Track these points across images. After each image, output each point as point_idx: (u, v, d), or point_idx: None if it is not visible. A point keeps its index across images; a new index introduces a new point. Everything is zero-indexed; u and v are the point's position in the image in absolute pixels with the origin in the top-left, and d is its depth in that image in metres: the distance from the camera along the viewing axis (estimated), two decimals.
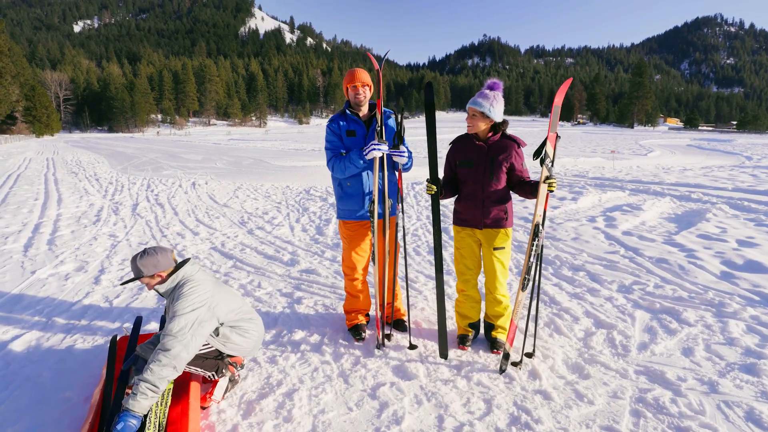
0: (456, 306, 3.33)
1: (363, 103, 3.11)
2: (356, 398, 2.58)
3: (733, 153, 24.46)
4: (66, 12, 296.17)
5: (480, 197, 2.99)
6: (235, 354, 2.56)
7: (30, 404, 2.53)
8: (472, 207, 3.03)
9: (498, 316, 3.18)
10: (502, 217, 3.01)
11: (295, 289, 4.37)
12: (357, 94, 3.05)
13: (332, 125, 3.19)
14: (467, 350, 3.15)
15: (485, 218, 3.01)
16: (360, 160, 3.02)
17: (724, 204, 8.41)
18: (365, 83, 3.06)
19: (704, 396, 2.57)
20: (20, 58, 74.58)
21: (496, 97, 2.90)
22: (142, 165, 18.74)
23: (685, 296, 4.06)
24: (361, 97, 3.06)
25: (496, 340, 3.16)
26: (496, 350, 3.11)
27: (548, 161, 2.73)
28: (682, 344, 3.20)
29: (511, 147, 2.97)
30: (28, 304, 4.02)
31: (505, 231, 3.05)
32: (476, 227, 3.05)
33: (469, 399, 2.57)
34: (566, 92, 2.92)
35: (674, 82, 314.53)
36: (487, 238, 3.05)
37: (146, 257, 2.35)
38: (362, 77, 3.06)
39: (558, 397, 2.57)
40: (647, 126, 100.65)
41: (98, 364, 2.94)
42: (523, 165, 3.04)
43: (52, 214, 8.26)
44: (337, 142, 3.19)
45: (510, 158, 2.96)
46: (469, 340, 3.21)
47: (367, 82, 3.08)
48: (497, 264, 3.06)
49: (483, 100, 2.89)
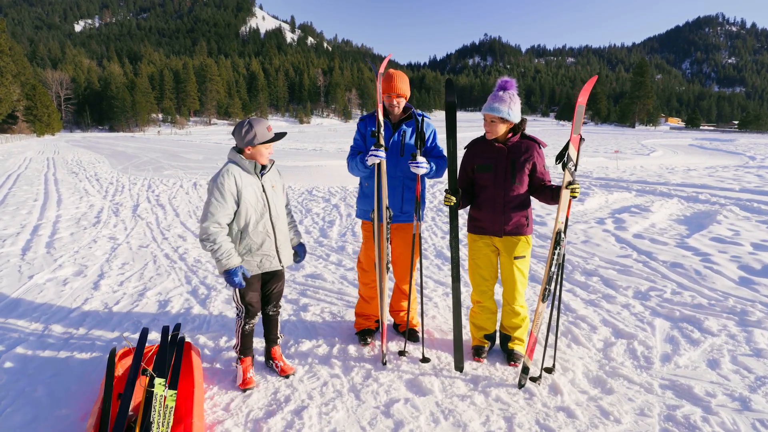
0: (471, 317, 3.18)
1: (396, 110, 3.06)
2: (369, 416, 2.43)
3: (735, 153, 24.27)
4: (67, 11, 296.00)
5: (501, 202, 2.83)
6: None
7: (23, 422, 2.39)
8: (491, 213, 2.87)
9: (515, 327, 3.03)
10: (523, 223, 2.86)
11: (300, 296, 4.23)
12: (391, 104, 3.01)
13: (360, 124, 3.18)
14: (483, 362, 3.01)
15: (505, 225, 2.85)
16: (362, 163, 2.97)
17: (734, 205, 8.26)
18: (401, 95, 2.99)
19: (737, 414, 2.43)
20: (21, 57, 74.49)
21: (512, 97, 2.74)
22: (142, 165, 18.60)
23: (705, 303, 3.91)
24: (394, 108, 3.02)
25: (513, 351, 3.02)
26: (513, 363, 2.97)
27: (571, 165, 2.58)
28: (706, 356, 3.06)
29: (532, 147, 2.82)
30: (24, 312, 3.89)
31: (526, 239, 2.90)
32: (495, 235, 2.89)
33: (489, 417, 2.42)
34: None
35: (675, 81, 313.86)
36: (507, 246, 2.90)
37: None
38: (400, 88, 2.96)
39: (582, 415, 2.43)
40: (648, 126, 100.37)
41: (96, 377, 2.80)
42: (545, 167, 2.90)
43: (51, 215, 8.13)
44: (359, 142, 3.18)
45: (532, 159, 2.82)
46: (485, 351, 3.07)
47: (405, 93, 3.00)
48: (517, 274, 2.91)
49: (500, 105, 2.71)
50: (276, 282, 2.90)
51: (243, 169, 2.66)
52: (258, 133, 2.60)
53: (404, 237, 3.23)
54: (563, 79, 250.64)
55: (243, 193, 2.61)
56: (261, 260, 2.70)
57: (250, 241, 2.66)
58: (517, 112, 2.77)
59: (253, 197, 2.66)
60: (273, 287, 2.89)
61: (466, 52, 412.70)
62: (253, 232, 2.66)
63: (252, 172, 2.69)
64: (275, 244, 2.75)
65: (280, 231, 2.79)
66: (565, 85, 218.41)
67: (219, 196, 2.53)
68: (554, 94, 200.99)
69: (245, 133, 2.59)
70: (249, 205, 2.64)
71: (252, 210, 2.65)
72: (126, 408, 2.19)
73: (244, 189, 2.61)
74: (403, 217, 3.19)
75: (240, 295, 2.72)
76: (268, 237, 2.73)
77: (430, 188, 10.69)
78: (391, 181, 3.11)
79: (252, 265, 2.68)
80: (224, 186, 2.54)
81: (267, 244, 2.72)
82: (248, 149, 2.64)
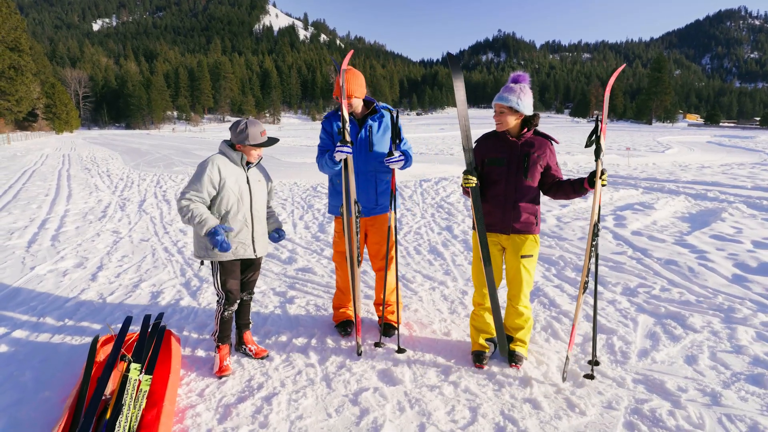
0: (472, 320, 3.06)
1: (354, 109, 3.09)
2: (337, 404, 2.49)
3: (755, 150, 23.68)
4: (85, 11, 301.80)
5: (512, 198, 2.77)
6: None
7: (8, 404, 2.50)
8: (501, 209, 2.80)
9: (518, 328, 2.95)
10: (532, 221, 2.81)
11: (288, 288, 4.30)
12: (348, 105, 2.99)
13: (325, 123, 3.20)
14: (483, 368, 2.87)
15: (515, 222, 2.79)
16: (331, 160, 3.00)
17: (742, 203, 8.09)
18: (349, 95, 2.95)
19: (705, 408, 2.42)
20: (41, 56, 76.25)
21: (522, 89, 2.70)
22: (154, 161, 18.94)
23: (693, 300, 3.87)
24: (351, 107, 3.04)
25: (515, 353, 2.91)
26: (514, 364, 2.87)
27: (602, 155, 2.58)
28: (685, 351, 3.04)
29: (545, 144, 2.79)
30: (22, 301, 4.04)
31: (534, 237, 2.84)
32: (503, 232, 2.83)
33: (454, 407, 2.46)
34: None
35: (695, 77, 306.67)
36: (514, 244, 2.84)
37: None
38: (348, 89, 2.93)
39: (548, 407, 2.45)
40: (666, 122, 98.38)
41: (81, 363, 2.91)
42: (557, 164, 2.88)
43: (60, 210, 8.36)
44: (326, 140, 3.21)
45: (545, 156, 2.77)
46: (486, 357, 2.93)
47: (354, 93, 2.97)
48: (524, 273, 2.84)
49: (509, 94, 2.68)
50: (253, 270, 3.05)
51: (230, 160, 2.82)
52: (251, 134, 2.77)
53: (380, 228, 3.29)
54: (578, 75, 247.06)
55: (226, 182, 2.76)
56: (236, 247, 2.84)
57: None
58: (528, 104, 2.71)
59: (236, 187, 2.80)
60: (249, 275, 3.04)
61: (479, 48, 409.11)
62: (232, 220, 2.81)
63: (238, 164, 2.84)
64: (252, 234, 2.88)
65: (258, 222, 2.93)
66: (580, 82, 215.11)
67: (196, 179, 2.73)
68: (569, 90, 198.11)
69: (239, 132, 2.77)
70: (231, 194, 2.78)
71: (234, 199, 2.80)
72: (101, 391, 2.27)
73: (227, 178, 2.77)
74: (379, 209, 3.24)
75: (221, 282, 2.85)
76: (246, 227, 2.86)
77: (434, 185, 10.68)
78: (363, 177, 3.14)
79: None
80: (204, 172, 2.72)
81: (244, 233, 2.86)
82: (239, 146, 2.82)
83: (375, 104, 3.15)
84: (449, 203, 8.55)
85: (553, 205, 8.05)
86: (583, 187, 2.67)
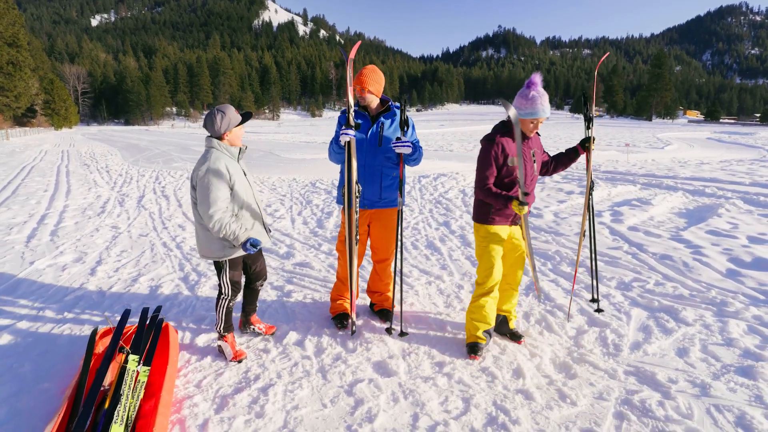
0: (471, 312, 3.05)
1: (368, 103, 3.19)
2: (332, 394, 2.53)
3: (754, 146, 23.65)
4: (84, 6, 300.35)
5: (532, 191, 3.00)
6: None
7: (8, 395, 2.54)
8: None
9: (513, 306, 3.23)
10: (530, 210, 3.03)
11: (286, 283, 4.34)
12: (362, 98, 3.17)
13: (341, 117, 3.26)
14: (478, 359, 2.92)
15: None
16: (336, 144, 3.08)
17: (739, 199, 8.13)
18: (364, 88, 3.12)
19: (694, 399, 2.46)
20: (40, 52, 76.02)
21: (543, 95, 2.76)
22: (153, 157, 18.94)
23: (686, 294, 3.91)
24: (365, 100, 3.17)
25: (516, 331, 3.21)
26: (521, 340, 3.14)
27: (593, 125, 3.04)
28: (677, 344, 3.09)
29: (538, 138, 3.03)
30: (22, 294, 4.07)
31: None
32: (514, 223, 3.02)
33: (447, 397, 2.50)
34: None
35: (695, 73, 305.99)
36: (517, 230, 3.06)
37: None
38: (364, 81, 3.11)
39: (540, 398, 2.49)
40: (666, 119, 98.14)
41: (80, 355, 2.94)
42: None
43: (59, 205, 8.38)
44: (339, 132, 3.22)
45: (541, 148, 3.07)
46: (481, 348, 2.98)
47: (368, 87, 3.13)
48: (526, 257, 3.09)
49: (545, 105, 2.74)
50: (261, 258, 3.17)
51: (229, 155, 2.83)
52: (231, 117, 2.79)
53: (384, 222, 3.34)
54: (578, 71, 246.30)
55: (234, 178, 2.78)
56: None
57: (245, 222, 2.84)
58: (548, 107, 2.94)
59: (244, 181, 2.86)
60: (258, 263, 3.16)
61: (479, 44, 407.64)
62: (245, 214, 2.86)
63: (235, 158, 2.86)
64: (263, 221, 2.99)
65: (262, 209, 3.02)
66: (580, 77, 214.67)
67: (216, 182, 2.68)
68: (569, 86, 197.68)
69: (220, 121, 2.75)
70: (241, 189, 2.81)
71: (243, 193, 2.83)
72: (100, 381, 2.31)
73: (234, 175, 2.78)
74: (382, 203, 3.29)
75: (230, 276, 2.90)
76: (256, 216, 2.95)
77: (432, 181, 10.71)
78: (369, 170, 3.21)
79: None
80: (219, 171, 2.70)
81: (257, 223, 2.94)
82: (226, 135, 2.81)
83: (390, 103, 3.26)
84: (447, 199, 8.58)
85: (550, 200, 8.09)
86: (577, 152, 3.05)
